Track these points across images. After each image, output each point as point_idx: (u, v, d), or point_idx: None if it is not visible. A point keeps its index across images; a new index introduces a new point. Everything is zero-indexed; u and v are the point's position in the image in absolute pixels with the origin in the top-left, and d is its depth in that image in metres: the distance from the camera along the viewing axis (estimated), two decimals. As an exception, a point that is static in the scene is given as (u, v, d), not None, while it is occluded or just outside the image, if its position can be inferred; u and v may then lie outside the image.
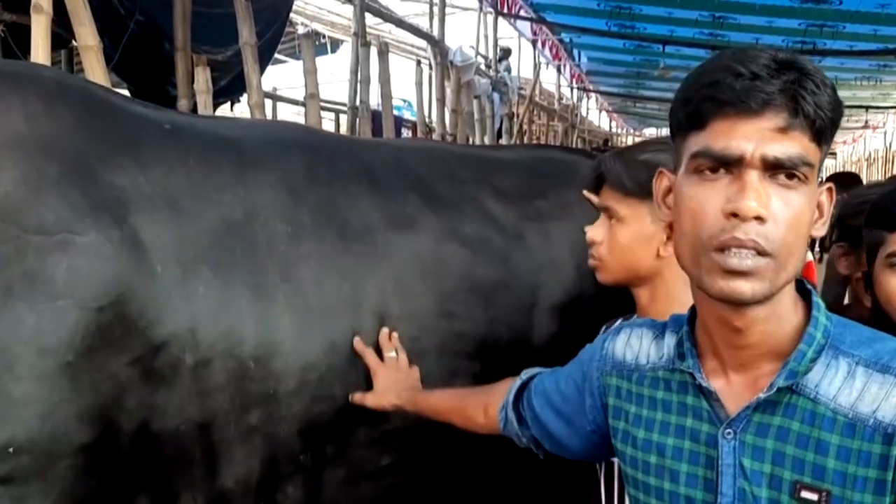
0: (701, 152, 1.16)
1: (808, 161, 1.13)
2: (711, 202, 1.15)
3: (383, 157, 2.24)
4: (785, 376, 1.18)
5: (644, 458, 1.34)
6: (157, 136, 1.84)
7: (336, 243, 1.95)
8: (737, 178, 1.13)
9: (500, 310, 2.17)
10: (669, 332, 1.39)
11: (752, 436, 1.21)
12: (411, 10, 13.20)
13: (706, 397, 1.27)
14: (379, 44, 6.90)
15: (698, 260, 1.17)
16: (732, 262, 1.12)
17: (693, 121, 1.18)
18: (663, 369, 1.36)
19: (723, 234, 1.12)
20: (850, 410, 1.15)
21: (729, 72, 1.13)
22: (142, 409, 1.66)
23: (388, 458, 2.00)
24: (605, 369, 1.46)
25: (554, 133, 15.23)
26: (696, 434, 1.28)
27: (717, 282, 1.14)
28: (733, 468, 1.22)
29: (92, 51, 3.42)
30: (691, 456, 1.28)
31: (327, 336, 1.89)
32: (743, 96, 1.12)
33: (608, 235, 1.87)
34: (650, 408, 1.35)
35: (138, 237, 1.68)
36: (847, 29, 11.26)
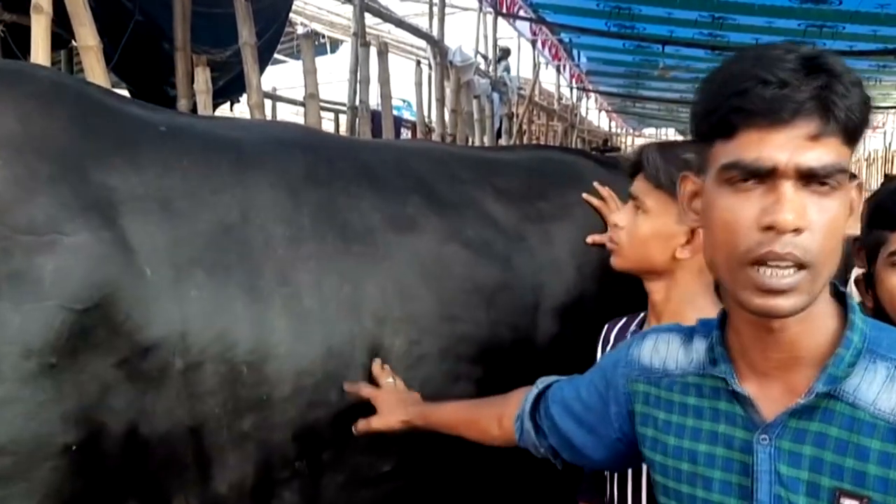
0: (732, 164, 1.13)
1: (843, 168, 1.11)
2: (745, 214, 1.12)
3: (384, 158, 2.22)
4: (825, 381, 1.16)
5: (675, 466, 1.31)
6: (152, 137, 1.82)
7: (335, 245, 1.92)
8: (770, 189, 1.11)
9: (501, 312, 2.14)
10: (699, 337, 1.37)
11: (788, 442, 1.19)
12: (411, 10, 13.21)
13: (740, 402, 1.25)
14: (378, 44, 6.89)
15: (734, 274, 1.14)
16: (771, 281, 1.10)
17: (720, 130, 1.15)
18: (694, 374, 1.33)
19: (760, 248, 1.10)
20: (891, 415, 1.13)
21: (757, 80, 1.10)
22: (130, 412, 1.63)
23: (387, 464, 1.97)
24: (631, 375, 1.43)
25: (553, 133, 15.22)
26: (729, 440, 1.25)
27: (753, 299, 1.12)
28: (769, 474, 1.19)
29: (92, 51, 3.42)
30: (725, 462, 1.25)
31: (325, 340, 1.85)
32: (773, 106, 1.09)
33: (631, 222, 1.90)
34: (681, 414, 1.33)
35: (129, 238, 1.66)
36: (847, 29, 11.27)
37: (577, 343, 2.22)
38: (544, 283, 2.26)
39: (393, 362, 1.94)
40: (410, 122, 10.12)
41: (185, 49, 5.06)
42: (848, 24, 11.00)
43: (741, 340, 1.25)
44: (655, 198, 1.86)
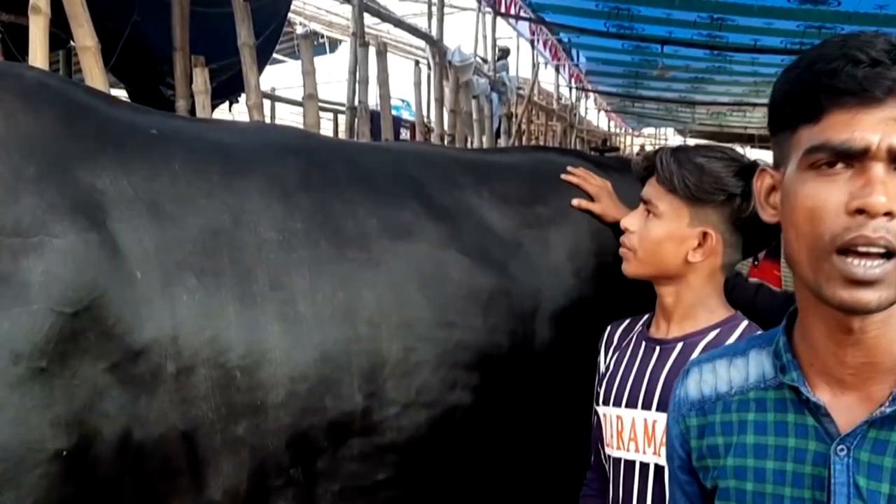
0: (818, 146, 1.07)
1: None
2: (832, 199, 1.06)
3: (379, 162, 2.20)
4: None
5: (738, 487, 1.22)
6: (143, 140, 1.80)
7: (330, 250, 1.90)
8: (859, 171, 1.05)
9: (498, 318, 2.12)
10: (756, 349, 1.30)
11: (867, 453, 1.12)
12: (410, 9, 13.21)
13: (812, 413, 1.18)
14: (377, 44, 6.88)
15: (818, 264, 1.08)
16: (858, 271, 1.04)
17: (806, 113, 1.09)
18: (754, 389, 1.26)
19: (848, 233, 1.04)
20: None
21: (846, 59, 1.05)
22: (122, 417, 1.61)
23: (383, 472, 1.94)
24: (681, 414, 1.34)
25: (552, 133, 15.22)
26: (800, 454, 1.18)
27: (837, 291, 1.06)
28: (847, 487, 1.13)
29: (90, 51, 3.41)
30: (795, 478, 1.18)
31: (319, 346, 1.83)
32: (865, 84, 1.04)
33: (643, 227, 1.91)
34: (740, 433, 1.25)
35: (118, 241, 1.64)
36: (846, 30, 11.26)
37: (576, 348, 2.21)
38: (542, 288, 2.24)
39: (389, 369, 1.91)
40: (410, 122, 10.10)
41: (184, 49, 5.05)
42: (847, 25, 11.01)
43: (814, 345, 1.18)
44: (668, 202, 1.87)
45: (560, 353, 2.19)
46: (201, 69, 4.49)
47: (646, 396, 1.89)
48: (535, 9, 12.12)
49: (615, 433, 1.94)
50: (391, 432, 1.92)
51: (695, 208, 1.87)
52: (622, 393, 1.94)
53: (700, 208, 1.87)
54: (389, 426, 1.92)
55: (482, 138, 9.58)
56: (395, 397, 1.92)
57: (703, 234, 1.87)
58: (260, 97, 4.90)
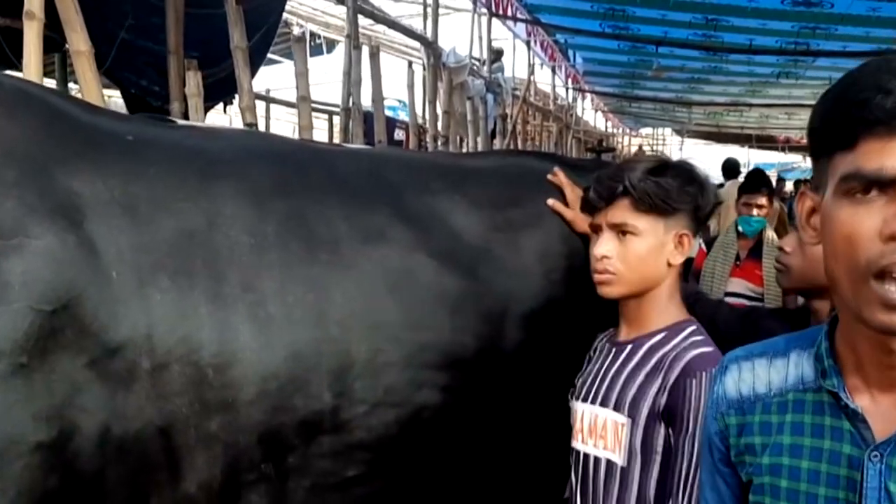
0: (852, 174, 1.10)
1: None
2: (867, 225, 1.09)
3: (354, 167, 2.25)
4: None
5: (773, 483, 1.27)
6: (120, 145, 1.86)
7: (301, 253, 1.96)
8: (893, 199, 1.08)
9: (467, 320, 2.16)
10: (796, 350, 1.33)
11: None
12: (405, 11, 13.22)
13: (849, 418, 1.21)
14: (370, 45, 6.92)
15: (857, 287, 1.11)
16: (895, 297, 1.07)
17: (840, 141, 1.13)
18: (793, 391, 1.30)
19: (883, 259, 1.07)
20: None
21: (878, 90, 1.08)
22: (101, 411, 1.67)
23: (353, 469, 1.99)
24: (720, 412, 1.38)
25: (548, 133, 15.24)
26: (835, 456, 1.22)
27: (877, 314, 1.09)
28: (878, 492, 1.16)
29: (84, 56, 3.46)
30: (829, 479, 1.21)
31: (289, 346, 1.88)
32: (895, 114, 1.07)
33: (621, 249, 1.97)
34: (778, 433, 1.29)
35: (94, 242, 1.70)
36: (839, 31, 11.30)
37: (546, 350, 2.27)
38: (512, 290, 2.28)
39: (357, 369, 1.97)
40: (406, 123, 10.14)
41: (178, 52, 5.10)
42: (840, 26, 11.03)
43: (857, 355, 1.22)
44: (645, 220, 1.96)
45: (530, 354, 2.23)
46: (194, 72, 4.54)
47: (595, 393, 2.01)
48: (531, 10, 12.15)
49: (574, 426, 2.06)
50: (360, 431, 1.97)
51: (668, 218, 1.98)
52: (581, 388, 2.07)
53: (672, 216, 1.98)
54: (358, 425, 1.97)
55: (477, 139, 9.61)
56: (364, 397, 1.97)
57: (679, 237, 1.99)
58: (253, 99, 4.95)
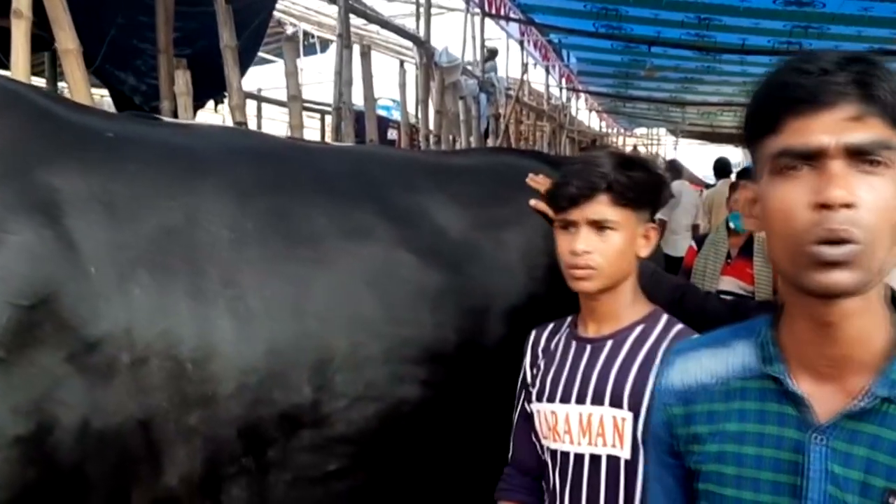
0: (781, 152, 1.16)
1: (888, 144, 1.13)
2: (798, 198, 1.14)
3: (338, 165, 2.27)
4: (886, 386, 1.18)
5: (719, 470, 1.30)
6: (100, 142, 1.88)
7: (281, 249, 1.97)
8: (820, 171, 1.13)
9: (449, 316, 2.18)
10: (739, 340, 1.36)
11: (842, 443, 1.20)
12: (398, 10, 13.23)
13: (793, 403, 1.25)
14: (361, 45, 6.92)
15: (794, 258, 1.16)
16: (827, 252, 1.11)
17: (767, 125, 1.19)
18: (737, 378, 1.33)
19: (815, 228, 1.12)
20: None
21: (798, 72, 1.15)
22: (81, 405, 1.68)
23: (334, 463, 2.00)
24: (665, 403, 1.41)
25: (542, 133, 15.26)
26: (779, 441, 1.25)
27: (813, 276, 1.14)
28: (821, 473, 1.20)
29: (72, 54, 3.48)
30: (774, 463, 1.25)
31: (268, 340, 1.89)
32: (815, 91, 1.13)
33: (600, 245, 1.98)
34: (723, 421, 1.32)
35: (73, 238, 1.71)
36: (832, 30, 11.32)
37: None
38: (494, 287, 2.29)
39: (337, 363, 1.98)
40: (398, 123, 10.15)
41: (168, 51, 5.11)
42: (832, 26, 11.06)
43: (797, 338, 1.26)
44: (621, 214, 1.98)
45: (511, 350, 2.23)
46: (183, 71, 4.55)
47: (580, 392, 2.00)
48: (524, 10, 12.16)
49: (550, 427, 2.03)
50: (341, 425, 1.99)
51: (638, 211, 2.01)
52: (555, 390, 2.04)
53: (642, 209, 2.02)
54: (339, 418, 1.98)
55: (469, 139, 9.63)
56: (345, 391, 1.99)
57: (647, 229, 2.04)
58: (242, 98, 4.96)
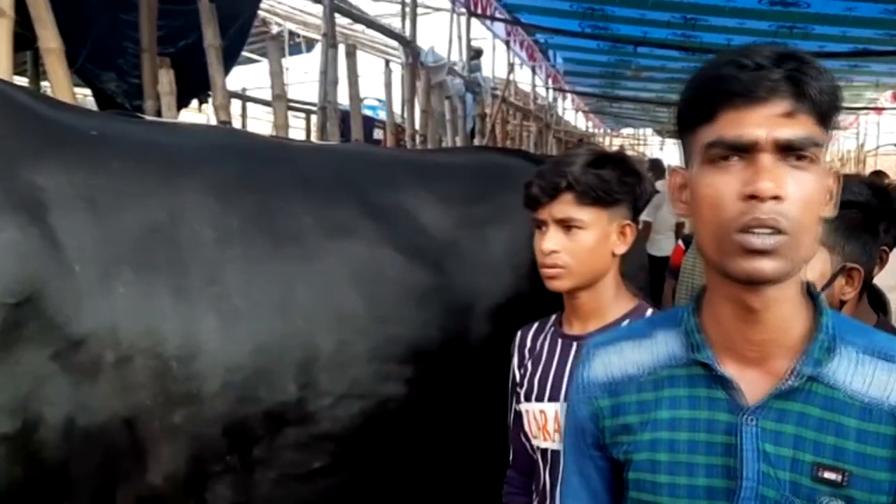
0: (714, 142, 1.20)
1: (817, 141, 1.18)
2: (728, 188, 1.19)
3: (320, 163, 2.26)
4: (810, 364, 1.24)
5: (652, 458, 1.33)
6: (83, 140, 1.87)
7: (266, 247, 1.97)
8: (751, 162, 1.18)
9: (433, 314, 2.18)
10: (662, 330, 1.40)
11: (772, 422, 1.25)
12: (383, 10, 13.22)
13: (722, 387, 1.29)
14: (347, 44, 6.91)
15: (721, 245, 1.20)
16: (754, 241, 1.16)
17: (703, 115, 1.23)
18: (666, 367, 1.37)
19: (743, 217, 1.17)
20: (865, 395, 1.23)
21: (734, 65, 1.18)
22: (66, 403, 1.68)
23: (319, 461, 2.00)
24: (591, 396, 1.43)
25: (528, 133, 15.26)
26: (712, 425, 1.29)
27: (739, 262, 1.18)
28: (754, 453, 1.25)
29: (54, 53, 3.45)
30: (708, 447, 1.29)
31: (253, 338, 1.89)
32: (750, 86, 1.17)
33: (568, 243, 1.98)
34: (655, 409, 1.35)
35: (57, 236, 1.71)
36: (816, 30, 11.38)
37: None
38: (479, 285, 2.30)
39: (323, 361, 1.98)
40: (384, 123, 10.13)
41: (152, 50, 5.08)
42: (817, 26, 11.12)
43: (722, 325, 1.30)
44: (589, 212, 1.98)
45: (497, 348, 2.23)
46: (166, 70, 4.52)
47: (568, 390, 1.97)
48: (510, 10, 12.16)
49: (539, 427, 2.03)
50: (326, 422, 1.99)
51: (610, 209, 2.00)
52: (543, 389, 2.04)
53: (614, 207, 2.01)
54: (324, 416, 1.98)
55: (455, 139, 9.63)
56: (330, 389, 1.99)
57: (623, 227, 2.03)
58: (227, 97, 4.94)
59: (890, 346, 1.27)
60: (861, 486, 1.21)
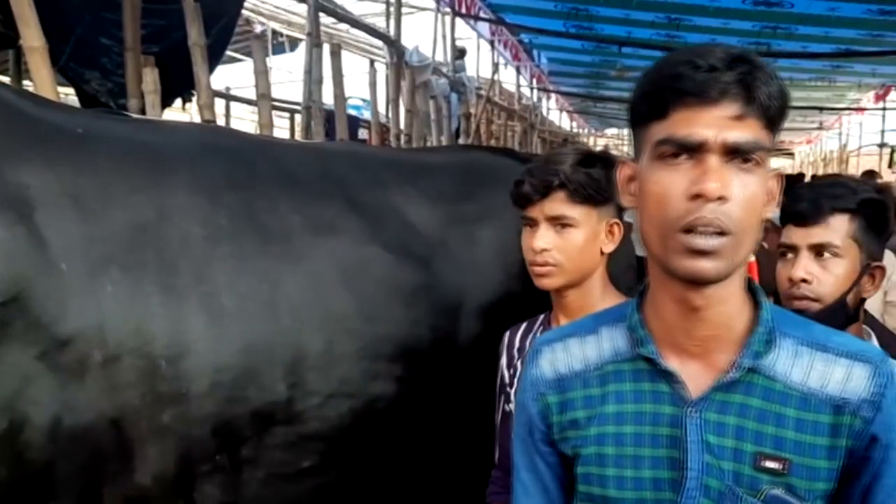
0: (664, 140, 1.22)
1: (762, 145, 1.21)
2: (676, 186, 1.21)
3: (306, 161, 2.26)
4: (750, 357, 1.27)
5: (599, 452, 1.35)
6: (69, 138, 1.86)
7: (254, 245, 1.96)
8: (699, 162, 1.20)
9: (422, 312, 2.18)
10: (606, 326, 1.42)
11: (714, 413, 1.28)
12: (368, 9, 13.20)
13: (666, 380, 1.32)
14: (332, 44, 6.89)
15: (665, 241, 1.23)
16: (698, 242, 1.19)
17: (655, 111, 1.24)
18: (611, 363, 1.39)
19: (689, 216, 1.19)
20: (803, 386, 1.26)
21: (689, 65, 1.20)
22: (52, 403, 1.67)
23: (307, 460, 1.99)
24: (539, 393, 1.45)
25: (512, 133, 15.26)
26: (657, 417, 1.32)
27: (682, 261, 1.21)
28: (698, 444, 1.27)
29: (38, 52, 3.42)
30: (653, 439, 1.31)
31: (242, 337, 1.88)
32: (703, 87, 1.19)
33: (559, 241, 1.99)
34: (601, 404, 1.37)
35: (43, 234, 1.69)
36: (800, 31, 11.44)
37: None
38: (467, 283, 2.30)
39: (311, 360, 1.97)
40: (369, 122, 10.12)
41: (135, 49, 5.05)
42: (801, 26, 11.17)
43: (665, 320, 1.33)
44: (580, 210, 1.99)
45: (485, 346, 2.23)
46: (151, 68, 4.49)
47: None
48: (495, 9, 12.17)
49: None
50: (314, 422, 1.98)
51: (600, 207, 2.01)
52: None
53: (603, 206, 2.02)
54: (313, 416, 1.97)
55: (440, 138, 9.62)
56: (318, 388, 1.98)
57: (611, 225, 2.04)
58: (211, 96, 4.91)
59: (827, 337, 1.31)
60: (800, 473, 1.24)
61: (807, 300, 1.93)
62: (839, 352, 1.28)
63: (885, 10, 10.17)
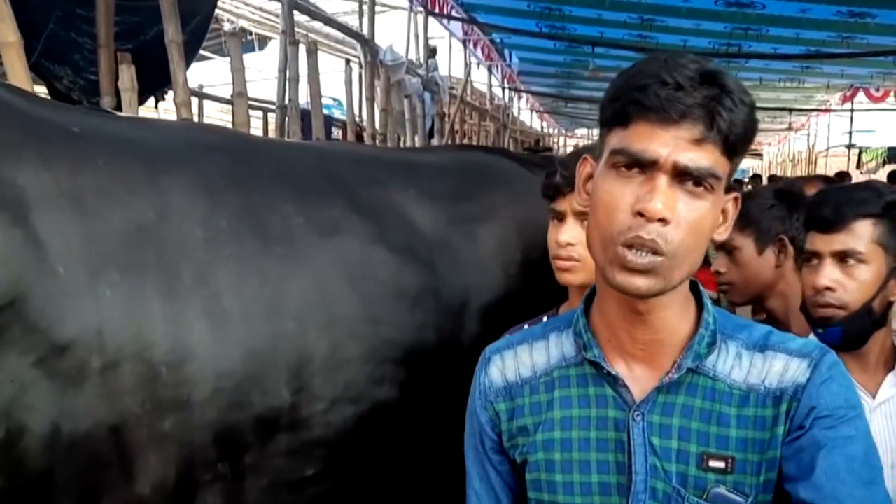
0: (620, 150, 1.22)
1: (716, 174, 1.21)
2: (624, 199, 1.21)
3: (306, 161, 2.22)
4: (691, 358, 1.29)
5: (547, 458, 1.36)
6: (65, 137, 1.80)
7: (256, 247, 1.92)
8: (649, 179, 1.20)
9: (426, 314, 2.15)
10: (554, 332, 1.44)
11: (658, 416, 1.30)
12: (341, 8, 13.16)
13: (611, 384, 1.33)
14: (308, 43, 6.84)
15: (606, 252, 1.24)
16: (631, 258, 1.19)
17: (619, 118, 1.24)
18: (558, 368, 1.40)
19: (629, 232, 1.19)
20: (744, 384, 1.29)
21: (657, 79, 1.19)
22: (50, 410, 1.61)
23: (311, 468, 1.95)
24: (488, 401, 1.45)
25: (486, 133, 15.27)
26: (602, 422, 1.33)
27: (616, 275, 1.22)
28: (644, 447, 1.29)
29: (13, 47, 3.35)
30: (599, 444, 1.33)
31: (245, 342, 1.84)
32: (665, 105, 1.18)
33: (585, 237, 1.92)
34: (548, 410, 1.38)
35: (40, 236, 1.64)
36: (771, 32, 11.56)
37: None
38: (470, 284, 2.27)
39: (316, 365, 1.93)
40: (341, 122, 10.06)
41: (109, 45, 4.97)
42: (772, 28, 11.29)
43: (611, 324, 1.34)
44: None
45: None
46: (128, 66, 4.42)
47: None
48: (467, 9, 12.18)
49: None
50: (319, 428, 1.94)
51: None
52: None
53: None
54: (317, 422, 1.93)
55: (414, 138, 9.60)
56: (323, 393, 1.94)
57: None
58: (188, 94, 4.84)
59: (766, 338, 1.33)
60: (745, 469, 1.27)
61: (832, 308, 1.91)
62: (779, 349, 1.31)
63: (854, 11, 10.31)
